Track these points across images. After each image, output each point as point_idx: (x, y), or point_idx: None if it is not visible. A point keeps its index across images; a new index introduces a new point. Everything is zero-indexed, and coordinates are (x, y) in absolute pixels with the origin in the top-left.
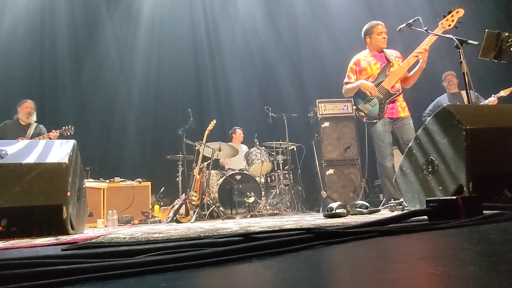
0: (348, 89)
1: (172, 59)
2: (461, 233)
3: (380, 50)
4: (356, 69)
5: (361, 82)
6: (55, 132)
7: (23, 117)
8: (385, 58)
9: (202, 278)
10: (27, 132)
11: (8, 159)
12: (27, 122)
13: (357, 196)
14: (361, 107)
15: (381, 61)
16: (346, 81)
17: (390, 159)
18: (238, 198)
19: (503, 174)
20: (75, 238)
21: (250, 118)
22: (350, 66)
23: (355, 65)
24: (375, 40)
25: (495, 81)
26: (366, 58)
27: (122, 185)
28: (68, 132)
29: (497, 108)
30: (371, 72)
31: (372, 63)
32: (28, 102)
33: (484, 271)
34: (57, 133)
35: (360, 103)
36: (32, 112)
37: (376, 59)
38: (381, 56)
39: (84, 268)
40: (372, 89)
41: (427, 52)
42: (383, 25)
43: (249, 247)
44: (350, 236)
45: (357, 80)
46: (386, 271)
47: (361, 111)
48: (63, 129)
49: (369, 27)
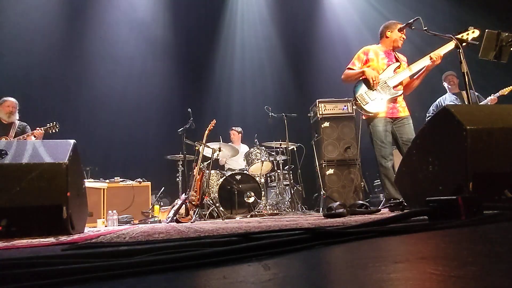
0: (348, 74)
1: (172, 58)
2: (461, 233)
3: (393, 48)
4: (363, 58)
5: (365, 69)
6: (39, 130)
7: (4, 116)
8: (395, 58)
9: (202, 278)
10: (10, 131)
11: (8, 159)
12: (9, 121)
13: (357, 196)
14: (359, 96)
15: (389, 58)
16: (349, 67)
17: (390, 159)
18: (238, 198)
19: (503, 174)
20: (75, 238)
21: (250, 118)
22: (358, 53)
23: (364, 54)
24: (395, 35)
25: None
26: (376, 51)
27: (122, 185)
28: (53, 129)
29: (497, 108)
30: (376, 65)
31: (380, 58)
32: (9, 101)
33: (484, 271)
34: (41, 131)
35: (359, 92)
36: (14, 111)
37: (385, 55)
38: (391, 54)
39: (84, 268)
40: (375, 78)
41: (440, 58)
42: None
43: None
44: (350, 236)
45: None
46: (386, 271)
47: (359, 102)
48: (47, 126)
49: (392, 23)
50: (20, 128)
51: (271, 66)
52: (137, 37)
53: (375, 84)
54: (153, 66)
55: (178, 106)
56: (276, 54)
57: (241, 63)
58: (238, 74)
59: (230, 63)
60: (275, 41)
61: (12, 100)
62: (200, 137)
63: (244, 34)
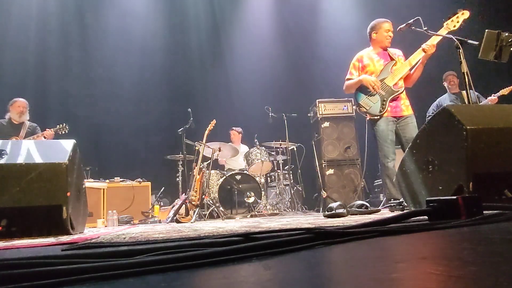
0: (349, 85)
1: (173, 58)
2: (461, 233)
3: (383, 48)
4: (358, 66)
5: (363, 77)
6: (49, 130)
7: (15, 116)
8: (389, 56)
9: (202, 278)
10: (21, 132)
11: (8, 159)
12: (20, 121)
13: (357, 196)
14: (362, 103)
15: (384, 58)
16: (348, 78)
17: (392, 158)
18: (238, 198)
19: (503, 174)
20: (75, 238)
21: (250, 118)
22: (352, 62)
23: (358, 61)
24: (381, 36)
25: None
26: (369, 55)
27: (122, 185)
28: (63, 130)
29: (497, 108)
30: (374, 69)
31: (375, 60)
32: (20, 101)
33: (484, 271)
34: (52, 132)
35: (361, 99)
36: (25, 111)
37: (379, 56)
38: (385, 54)
39: (84, 268)
40: (374, 83)
41: (434, 47)
42: (390, 24)
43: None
44: (350, 236)
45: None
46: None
47: (362, 107)
48: (57, 127)
49: (376, 23)
50: (31, 129)
51: (271, 66)
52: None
53: (376, 89)
54: (153, 65)
55: (178, 106)
56: (276, 54)
57: (241, 63)
58: (238, 74)
59: (230, 63)
60: (275, 41)
61: (23, 101)
62: (200, 137)
63: (244, 34)
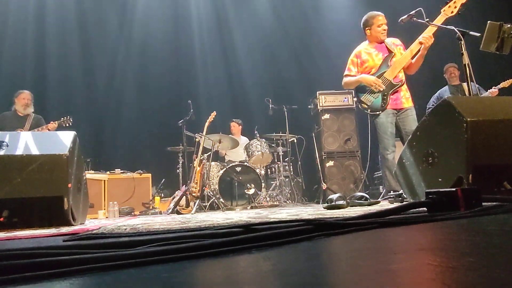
0: (347, 82)
1: (173, 50)
2: (460, 225)
3: (380, 42)
4: (357, 62)
5: (361, 77)
6: (53, 123)
7: (20, 108)
8: (387, 49)
9: (203, 268)
10: (25, 123)
11: (9, 151)
12: (25, 113)
13: (357, 188)
14: (363, 99)
15: (383, 51)
16: (346, 74)
17: (392, 150)
18: (238, 190)
19: (503, 166)
20: (76, 229)
21: (251, 109)
22: (351, 58)
23: (356, 57)
24: (375, 32)
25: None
26: (367, 50)
27: (122, 176)
28: (67, 123)
29: (498, 100)
30: (373, 63)
31: (374, 54)
32: (25, 93)
33: (482, 262)
34: (55, 124)
35: (362, 95)
36: (30, 103)
37: (377, 50)
38: (382, 46)
39: (85, 258)
40: (375, 82)
41: (432, 38)
42: (383, 16)
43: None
44: (349, 228)
45: (358, 72)
46: (385, 262)
47: (364, 103)
48: (61, 120)
49: (369, 18)
50: (35, 121)
51: (271, 57)
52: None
53: (378, 87)
54: (154, 57)
55: (179, 97)
56: (277, 46)
57: (241, 54)
58: (239, 65)
59: (231, 55)
60: (276, 33)
61: (27, 93)
62: (200, 129)
63: (245, 26)
